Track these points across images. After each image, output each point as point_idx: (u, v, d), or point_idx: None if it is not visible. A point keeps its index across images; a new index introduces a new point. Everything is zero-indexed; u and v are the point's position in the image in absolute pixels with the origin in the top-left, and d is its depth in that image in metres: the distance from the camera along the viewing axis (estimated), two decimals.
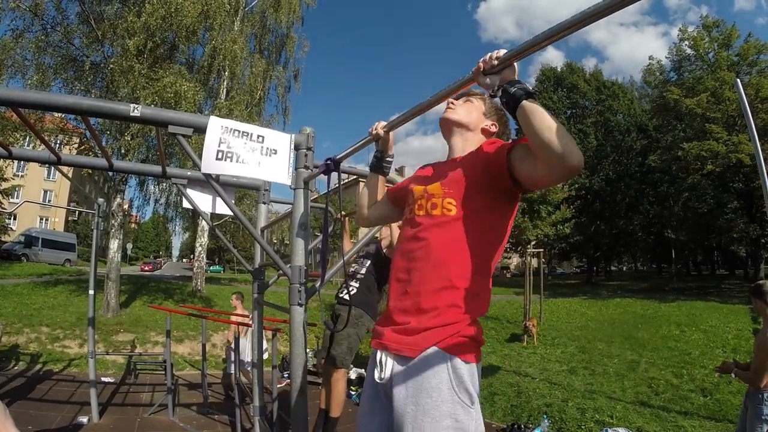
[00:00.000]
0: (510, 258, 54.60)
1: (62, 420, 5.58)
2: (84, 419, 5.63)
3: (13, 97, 2.22)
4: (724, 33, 24.99)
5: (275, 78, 17.90)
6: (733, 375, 3.96)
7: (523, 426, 5.90)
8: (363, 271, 4.06)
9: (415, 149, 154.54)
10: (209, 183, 2.14)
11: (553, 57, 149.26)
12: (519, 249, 28.27)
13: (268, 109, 18.13)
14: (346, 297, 3.88)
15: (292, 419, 2.12)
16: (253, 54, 16.59)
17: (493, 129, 1.77)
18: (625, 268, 69.15)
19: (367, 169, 1.91)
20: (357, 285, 4.02)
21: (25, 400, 6.19)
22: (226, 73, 14.58)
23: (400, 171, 72.84)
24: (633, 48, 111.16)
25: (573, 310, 16.94)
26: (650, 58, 30.20)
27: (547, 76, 39.49)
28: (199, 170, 2.08)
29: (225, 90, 15.23)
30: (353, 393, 7.07)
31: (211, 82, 14.33)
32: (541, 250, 15.76)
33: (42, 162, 3.63)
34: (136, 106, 2.17)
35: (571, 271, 63.56)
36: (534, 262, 16.13)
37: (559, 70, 39.44)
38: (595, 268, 44.12)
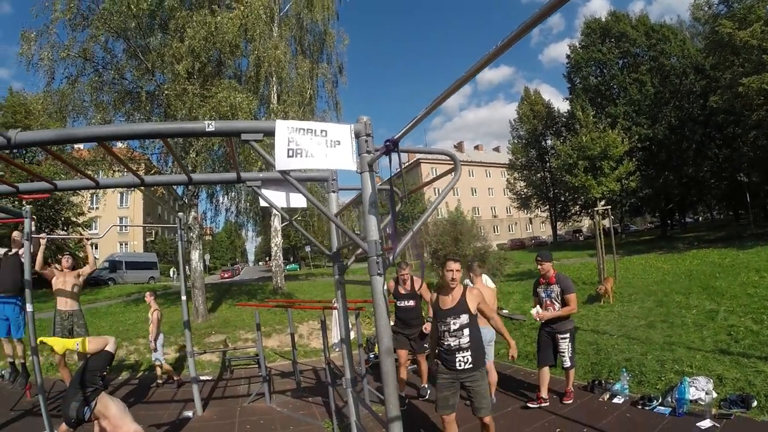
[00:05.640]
0: (581, 221, 52.88)
1: (169, 416, 6.20)
2: (189, 413, 6.24)
3: (99, 133, 2.66)
4: None
5: (321, 75, 18.40)
6: None
7: (603, 381, 5.97)
8: (455, 326, 3.94)
9: (470, 123, 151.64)
10: (285, 179, 2.43)
11: (597, 7, 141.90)
12: (589, 210, 27.46)
13: (320, 106, 18.70)
14: (469, 366, 3.89)
15: (382, 378, 2.37)
16: (296, 56, 17.09)
17: None
18: (701, 219, 65.65)
19: (425, 147, 2.10)
20: (468, 342, 3.92)
21: (133, 403, 6.83)
22: (274, 78, 15.10)
23: (458, 147, 72.31)
24: None
25: (649, 266, 16.45)
26: None
27: (592, 28, 37.88)
28: (274, 170, 2.37)
29: (276, 95, 15.78)
30: None
31: (261, 89, 14.92)
32: (609, 207, 15.31)
33: (128, 186, 4.09)
34: (210, 122, 2.48)
35: (645, 228, 60.84)
36: (605, 222, 15.71)
37: (603, 20, 37.75)
38: (669, 221, 42.15)
